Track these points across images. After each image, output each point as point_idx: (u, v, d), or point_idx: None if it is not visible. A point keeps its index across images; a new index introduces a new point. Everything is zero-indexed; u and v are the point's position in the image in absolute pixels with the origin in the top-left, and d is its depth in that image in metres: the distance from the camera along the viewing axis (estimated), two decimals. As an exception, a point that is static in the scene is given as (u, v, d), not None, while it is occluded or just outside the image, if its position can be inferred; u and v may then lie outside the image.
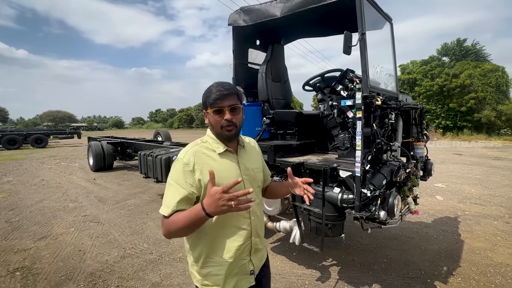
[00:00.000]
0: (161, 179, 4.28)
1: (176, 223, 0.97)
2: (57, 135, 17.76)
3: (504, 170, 7.70)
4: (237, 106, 1.07)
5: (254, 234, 1.16)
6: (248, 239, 1.14)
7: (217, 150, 1.10)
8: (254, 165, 1.20)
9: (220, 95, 1.04)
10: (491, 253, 2.93)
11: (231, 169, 1.10)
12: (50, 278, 2.47)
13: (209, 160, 1.07)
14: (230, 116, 1.05)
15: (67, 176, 7.11)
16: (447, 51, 23.92)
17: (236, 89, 1.10)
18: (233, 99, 1.06)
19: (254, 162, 1.22)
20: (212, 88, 1.07)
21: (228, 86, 1.07)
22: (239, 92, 1.12)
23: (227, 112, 1.05)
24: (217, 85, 1.07)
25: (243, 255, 1.13)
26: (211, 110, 1.06)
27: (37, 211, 4.31)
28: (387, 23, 2.83)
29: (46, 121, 69.30)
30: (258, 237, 1.19)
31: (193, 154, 1.06)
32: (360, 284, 2.40)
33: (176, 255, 2.90)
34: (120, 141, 7.90)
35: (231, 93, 1.06)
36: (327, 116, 2.65)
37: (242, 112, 1.13)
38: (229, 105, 1.05)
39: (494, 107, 19.58)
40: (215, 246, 1.09)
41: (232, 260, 1.09)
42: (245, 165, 1.15)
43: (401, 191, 2.49)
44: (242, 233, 1.11)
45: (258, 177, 1.21)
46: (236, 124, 1.08)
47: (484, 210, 4.31)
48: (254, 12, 2.87)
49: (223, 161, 1.10)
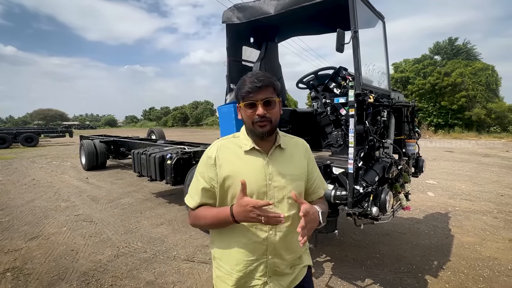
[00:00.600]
0: (155, 177, 4.25)
1: (205, 219, 1.01)
2: (48, 134, 17.43)
3: (493, 166, 7.89)
4: (272, 99, 0.96)
5: (272, 253, 0.99)
6: (263, 256, 0.99)
7: (243, 147, 1.01)
8: (290, 171, 1.02)
9: (252, 87, 0.93)
10: (480, 247, 3.01)
11: (255, 170, 0.98)
12: (42, 278, 2.44)
13: (232, 156, 1.01)
14: (263, 111, 0.94)
15: (58, 175, 6.99)
16: (439, 50, 24.29)
17: (272, 80, 0.98)
18: (268, 91, 0.95)
19: (291, 167, 1.03)
20: (246, 79, 0.97)
21: (263, 77, 0.95)
22: (276, 84, 0.99)
23: (260, 107, 0.94)
24: (251, 75, 0.97)
25: (256, 273, 0.99)
26: (242, 104, 0.97)
27: (28, 211, 4.24)
28: (379, 21, 2.86)
29: (36, 120, 67.89)
30: (279, 258, 1.00)
31: (217, 148, 1.03)
32: (353, 279, 2.43)
33: (171, 253, 2.89)
34: (113, 139, 7.80)
35: (266, 85, 0.95)
36: (320, 113, 2.67)
37: (279, 107, 1.00)
38: (262, 99, 0.94)
39: (484, 105, 19.99)
40: (227, 253, 1.03)
41: (241, 274, 0.99)
42: (276, 169, 0.99)
43: (393, 187, 2.53)
44: (255, 248, 0.99)
45: (292, 186, 1.00)
46: (271, 120, 0.96)
47: (474, 206, 4.41)
48: (247, 9, 2.87)
49: (248, 160, 1.00)
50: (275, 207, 0.98)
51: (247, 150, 1.00)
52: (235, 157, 1.00)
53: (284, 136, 1.08)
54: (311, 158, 1.11)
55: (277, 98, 0.98)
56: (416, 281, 2.40)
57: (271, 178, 0.98)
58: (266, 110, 0.94)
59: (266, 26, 3.41)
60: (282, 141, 1.04)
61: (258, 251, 0.99)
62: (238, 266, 0.99)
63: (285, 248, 1.01)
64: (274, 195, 0.98)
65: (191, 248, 3.01)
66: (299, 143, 1.11)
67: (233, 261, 1.00)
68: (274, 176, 0.99)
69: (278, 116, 0.99)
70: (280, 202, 0.99)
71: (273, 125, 0.97)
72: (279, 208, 0.99)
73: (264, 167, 0.99)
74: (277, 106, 0.99)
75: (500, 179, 6.29)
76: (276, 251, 1.00)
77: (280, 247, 1.00)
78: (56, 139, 18.43)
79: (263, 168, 0.99)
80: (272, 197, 0.98)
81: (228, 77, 3.28)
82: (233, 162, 0.99)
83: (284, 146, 1.04)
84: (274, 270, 1.01)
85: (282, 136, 1.07)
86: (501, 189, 5.47)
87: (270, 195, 0.98)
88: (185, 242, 3.16)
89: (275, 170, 0.99)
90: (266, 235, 0.98)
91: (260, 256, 0.99)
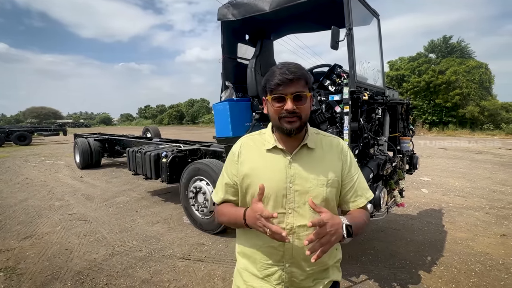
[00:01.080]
0: (150, 176, 4.22)
1: (225, 216, 1.00)
2: (42, 132, 17.22)
3: (485, 163, 8.00)
4: (303, 93, 0.87)
5: (289, 261, 0.91)
6: (279, 263, 0.92)
7: (266, 145, 0.95)
8: (317, 175, 0.90)
9: (283, 79, 0.85)
10: (472, 243, 3.06)
11: (276, 171, 0.91)
12: (35, 278, 2.41)
13: (254, 154, 0.96)
14: (293, 106, 0.85)
15: (52, 174, 6.91)
16: (433, 48, 24.49)
17: (304, 73, 0.88)
18: (300, 85, 0.86)
19: (319, 170, 0.91)
20: (276, 70, 0.88)
21: (295, 69, 0.86)
22: (309, 77, 0.89)
23: (290, 101, 0.85)
24: (282, 66, 0.88)
25: (272, 280, 0.93)
26: (270, 97, 0.88)
27: (21, 210, 4.18)
28: (374, 19, 2.87)
29: (29, 118, 66.88)
30: (297, 268, 0.92)
31: (240, 145, 1.00)
32: (348, 275, 2.46)
33: (166, 252, 2.88)
34: (108, 137, 7.74)
35: (297, 77, 0.85)
36: (315, 111, 2.67)
37: (310, 102, 0.91)
38: (293, 92, 0.85)
39: (478, 102, 20.25)
40: (246, 250, 1.00)
41: (258, 274, 0.95)
42: (299, 171, 0.90)
43: (387, 184, 2.55)
44: (271, 252, 0.92)
45: (317, 192, 0.90)
46: (301, 116, 0.87)
47: (467, 202, 4.48)
48: (242, 6, 2.84)
49: (270, 160, 0.93)
50: (295, 213, 0.90)
51: (269, 149, 0.93)
52: (258, 155, 0.95)
53: (317, 134, 0.98)
54: (348, 161, 0.96)
55: (308, 93, 0.89)
56: (410, 276, 2.43)
57: (292, 180, 0.90)
58: (296, 105, 0.86)
59: (261, 23, 3.39)
60: (312, 140, 0.94)
61: (274, 256, 0.92)
62: (257, 265, 0.96)
63: (305, 258, 0.89)
64: (295, 200, 0.90)
65: (187, 246, 3.00)
66: (333, 142, 0.97)
67: (251, 259, 0.98)
68: (296, 179, 0.90)
69: (308, 112, 0.90)
70: (300, 207, 0.90)
71: (303, 122, 0.89)
72: (299, 213, 0.90)
73: (286, 168, 0.91)
74: (308, 102, 0.90)
75: (493, 176, 6.39)
76: (294, 260, 0.91)
77: (298, 256, 0.91)
78: (49, 137, 18.21)
79: (285, 169, 0.91)
80: (292, 202, 0.90)
81: (223, 74, 3.26)
82: (255, 160, 0.94)
83: (313, 145, 0.94)
84: (292, 281, 0.93)
85: (315, 134, 0.98)
86: (493, 185, 5.55)
87: (290, 199, 0.90)
88: (181, 240, 3.15)
89: (298, 172, 0.90)
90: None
91: (276, 262, 0.92)
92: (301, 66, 0.90)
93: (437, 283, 2.32)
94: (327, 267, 0.98)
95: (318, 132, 1.00)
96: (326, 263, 0.97)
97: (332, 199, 0.93)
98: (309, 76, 0.90)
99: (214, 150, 3.97)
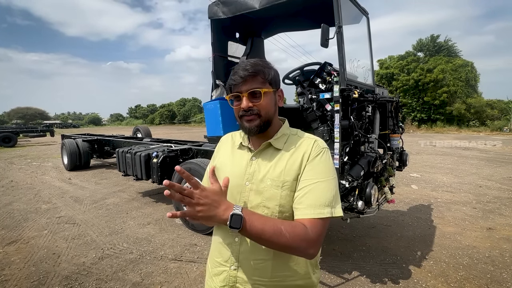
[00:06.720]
0: (140, 176, 4.15)
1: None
2: (28, 133, 16.67)
3: (472, 159, 8.23)
4: (258, 90, 0.82)
5: (235, 264, 0.85)
6: (226, 263, 0.87)
7: (236, 142, 0.97)
8: (273, 176, 0.84)
9: (236, 78, 0.83)
10: (460, 237, 3.13)
11: (237, 168, 0.91)
12: (21, 284, 2.33)
13: (227, 149, 0.99)
14: (247, 104, 0.83)
15: (39, 177, 6.71)
16: (422, 46, 24.94)
17: (261, 68, 0.84)
18: (256, 81, 0.83)
19: (278, 172, 0.84)
20: (235, 68, 0.87)
21: (250, 66, 0.83)
22: (267, 72, 0.85)
23: (244, 99, 0.83)
24: (239, 65, 0.86)
25: (217, 280, 0.89)
26: (228, 96, 0.88)
27: (5, 214, 4.04)
28: (364, 17, 2.89)
29: (14, 119, 64.79)
30: (244, 273, 0.83)
31: (222, 139, 1.04)
32: (341, 272, 2.48)
33: (158, 253, 2.84)
34: (97, 138, 7.55)
35: (251, 74, 0.82)
36: (306, 109, 2.67)
37: (271, 98, 0.86)
38: (247, 90, 0.83)
39: (464, 100, 20.79)
40: (211, 245, 0.97)
41: (212, 270, 0.93)
42: (257, 171, 0.87)
43: (378, 181, 2.58)
44: (221, 251, 0.89)
45: (271, 193, 0.83)
46: (260, 114, 0.84)
47: (454, 197, 4.59)
48: (233, 4, 2.82)
49: (236, 156, 0.94)
50: None
51: (239, 146, 0.95)
52: (229, 151, 0.97)
53: (293, 135, 0.92)
54: (313, 163, 0.83)
55: (266, 89, 0.84)
56: (401, 271, 2.47)
57: (249, 179, 0.86)
58: (252, 103, 0.83)
59: (251, 21, 3.37)
60: (282, 140, 0.89)
61: (223, 255, 0.88)
62: (211, 262, 0.94)
63: (252, 266, 0.82)
64: (249, 198, 0.86)
65: (178, 248, 2.97)
66: (303, 144, 0.88)
67: (210, 254, 0.96)
68: (253, 178, 0.86)
69: (269, 109, 0.85)
70: (255, 208, 0.84)
71: (263, 120, 0.85)
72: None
73: (246, 166, 0.89)
74: (268, 98, 0.85)
75: (479, 171, 6.57)
76: (241, 264, 0.84)
77: (246, 261, 0.83)
78: (36, 138, 17.69)
79: (245, 167, 0.89)
80: (247, 201, 0.86)
81: (213, 72, 3.23)
82: (225, 155, 0.97)
83: (279, 146, 0.88)
84: (236, 287, 0.84)
85: (292, 135, 0.92)
86: (479, 180, 5.71)
87: (245, 198, 0.86)
88: (172, 242, 3.11)
89: (256, 171, 0.86)
90: (231, 240, 0.86)
91: (224, 262, 0.87)
92: (263, 62, 0.86)
93: (427, 277, 2.37)
94: (291, 283, 0.84)
95: (296, 133, 0.93)
96: (284, 279, 0.83)
97: (285, 203, 0.83)
98: (268, 71, 0.85)
99: (205, 150, 3.93)
